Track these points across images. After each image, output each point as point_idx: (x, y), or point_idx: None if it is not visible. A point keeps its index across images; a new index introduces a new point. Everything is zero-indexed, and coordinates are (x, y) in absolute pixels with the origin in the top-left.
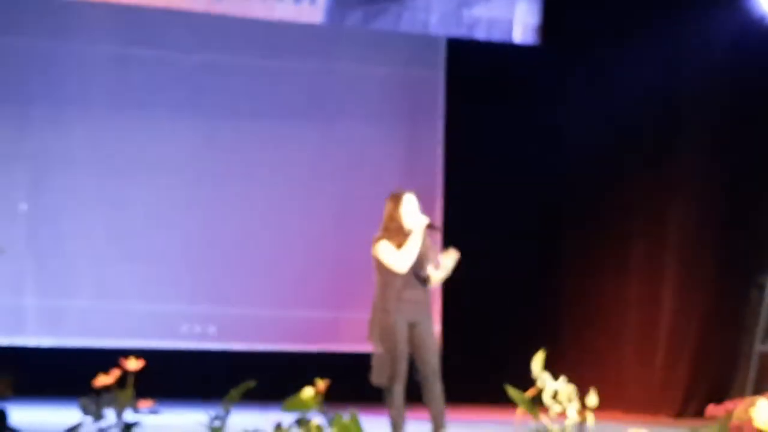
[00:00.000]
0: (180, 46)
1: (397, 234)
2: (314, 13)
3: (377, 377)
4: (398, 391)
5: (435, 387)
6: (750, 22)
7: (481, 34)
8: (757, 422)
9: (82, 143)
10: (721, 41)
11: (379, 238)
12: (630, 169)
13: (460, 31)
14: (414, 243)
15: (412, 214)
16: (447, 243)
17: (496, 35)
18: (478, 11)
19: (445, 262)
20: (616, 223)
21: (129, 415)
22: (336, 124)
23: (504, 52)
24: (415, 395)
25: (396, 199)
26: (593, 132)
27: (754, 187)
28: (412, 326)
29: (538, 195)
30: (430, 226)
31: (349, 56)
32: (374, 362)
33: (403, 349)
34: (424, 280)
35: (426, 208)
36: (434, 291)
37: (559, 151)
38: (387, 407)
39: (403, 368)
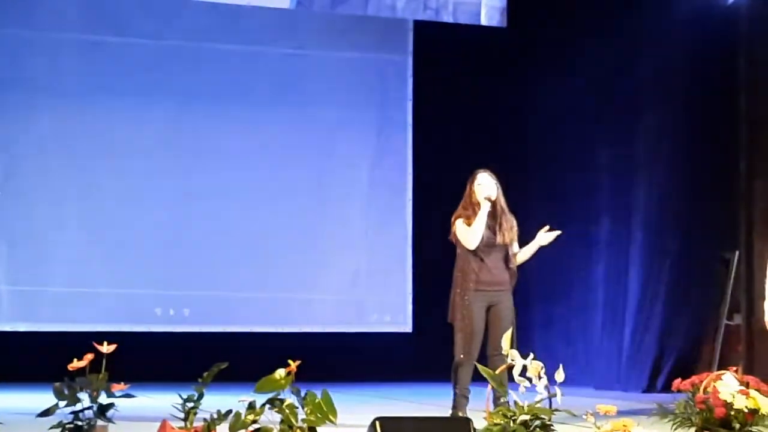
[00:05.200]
0: (149, 33)
1: (473, 212)
2: None
3: (457, 356)
4: (466, 370)
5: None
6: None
7: (448, 17)
8: (723, 395)
9: (52, 130)
10: (683, 21)
11: (457, 217)
12: (594, 147)
13: (427, 15)
14: (480, 220)
15: (485, 190)
16: (416, 223)
17: (463, 18)
18: None
19: (540, 239)
20: (582, 200)
21: (103, 399)
22: (306, 108)
23: (471, 34)
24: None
25: (471, 178)
26: (558, 112)
27: (717, 164)
28: (489, 307)
29: (506, 175)
30: (488, 199)
31: (317, 41)
32: (455, 341)
33: (478, 330)
34: (506, 260)
35: (395, 190)
36: (404, 268)
37: (525, 131)
38: (453, 384)
39: (476, 348)
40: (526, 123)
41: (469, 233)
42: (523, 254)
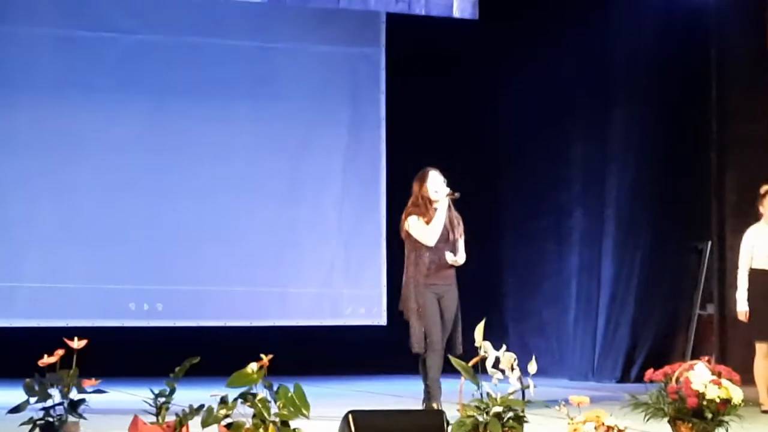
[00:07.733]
0: (122, 27)
1: (426, 210)
2: None
3: (416, 347)
4: (435, 360)
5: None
6: None
7: (420, 10)
8: (695, 385)
9: (26, 126)
10: (654, 13)
11: (409, 214)
12: (566, 140)
13: (399, 7)
14: (440, 216)
15: (438, 188)
16: (390, 216)
17: (436, 10)
18: None
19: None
20: (554, 193)
21: (74, 394)
22: (278, 102)
23: (443, 27)
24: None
25: (422, 176)
26: (531, 105)
27: (688, 155)
28: (439, 298)
29: (478, 168)
30: (451, 194)
31: (290, 34)
32: (411, 334)
33: (435, 321)
34: (452, 253)
35: (369, 183)
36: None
37: (497, 124)
38: (422, 377)
39: (436, 338)
40: (498, 116)
41: (428, 231)
42: (459, 257)
